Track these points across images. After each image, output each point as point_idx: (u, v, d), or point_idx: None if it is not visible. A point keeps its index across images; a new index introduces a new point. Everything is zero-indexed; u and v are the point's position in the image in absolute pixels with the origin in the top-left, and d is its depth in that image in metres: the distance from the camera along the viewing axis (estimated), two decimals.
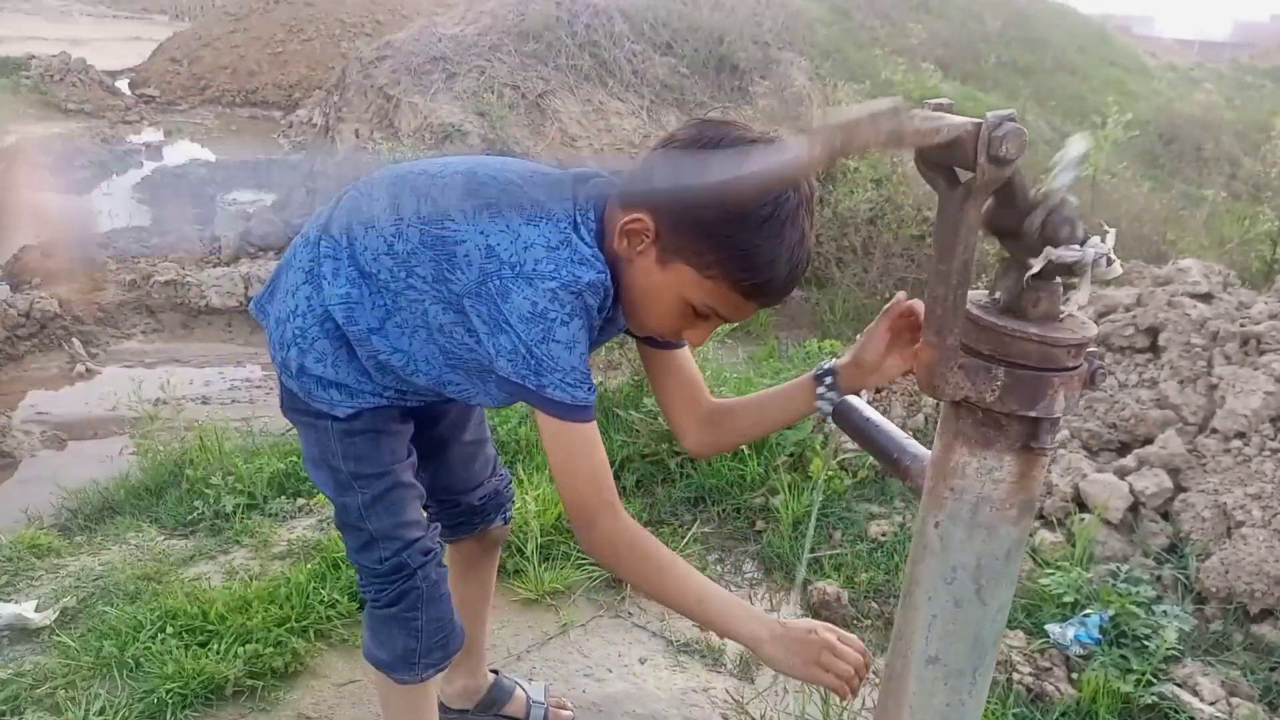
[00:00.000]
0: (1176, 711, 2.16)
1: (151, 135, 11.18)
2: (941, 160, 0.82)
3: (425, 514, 1.52)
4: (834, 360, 1.27)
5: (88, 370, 4.51)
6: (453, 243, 1.18)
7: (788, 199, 1.08)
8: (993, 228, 0.87)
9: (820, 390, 1.26)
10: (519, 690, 2.03)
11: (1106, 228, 0.85)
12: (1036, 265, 0.83)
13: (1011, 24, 12.34)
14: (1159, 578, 2.59)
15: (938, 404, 1.11)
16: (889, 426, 1.15)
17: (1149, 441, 2.93)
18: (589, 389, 1.15)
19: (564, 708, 2.06)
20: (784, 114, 7.19)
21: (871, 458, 2.71)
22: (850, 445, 3.24)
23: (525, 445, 3.16)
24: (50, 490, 3.21)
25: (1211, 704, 2.19)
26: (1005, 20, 12.27)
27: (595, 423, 1.18)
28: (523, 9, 7.70)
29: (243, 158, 9.76)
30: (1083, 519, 2.74)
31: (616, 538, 1.19)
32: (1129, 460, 2.87)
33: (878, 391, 3.55)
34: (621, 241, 1.15)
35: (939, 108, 0.81)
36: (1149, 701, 2.20)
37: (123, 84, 13.96)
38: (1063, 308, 0.86)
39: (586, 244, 1.15)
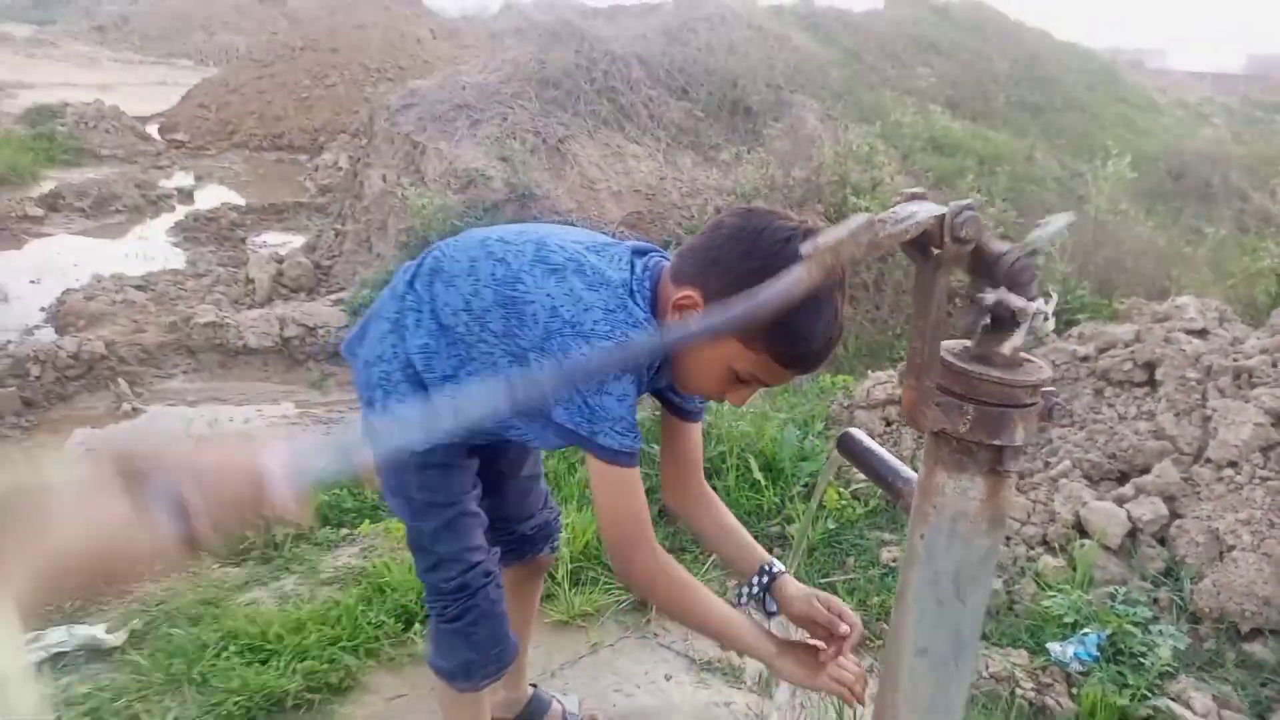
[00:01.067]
0: None
1: (182, 180, 11.52)
2: (916, 241, 1.00)
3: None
4: (780, 571, 1.51)
5: (133, 409, 4.74)
6: (522, 302, 1.36)
7: (834, 315, 1.27)
8: (972, 274, 1.05)
9: (753, 580, 1.51)
10: (555, 703, 2.20)
11: (1051, 293, 1.03)
12: (989, 299, 1.00)
13: (1021, 64, 12.57)
14: (1155, 599, 2.73)
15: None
16: (885, 455, 1.33)
17: (1146, 471, 3.08)
18: (635, 437, 1.33)
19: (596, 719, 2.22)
20: (795, 155, 7.41)
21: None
22: (862, 477, 3.41)
23: (554, 477, 3.34)
24: None
25: (1203, 717, 2.33)
26: (1014, 60, 12.52)
27: (638, 468, 1.36)
28: (543, 57, 7.99)
29: (271, 201, 10.08)
30: (1083, 545, 2.89)
31: (655, 570, 1.37)
32: (1127, 489, 3.03)
33: (889, 424, 3.72)
34: (675, 314, 1.32)
35: (913, 196, 1.00)
36: (1144, 714, 2.34)
37: (153, 129, 14.38)
38: (999, 349, 1.03)
39: (641, 309, 1.33)
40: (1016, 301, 1.00)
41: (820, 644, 1.41)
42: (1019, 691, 2.44)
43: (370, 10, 16.33)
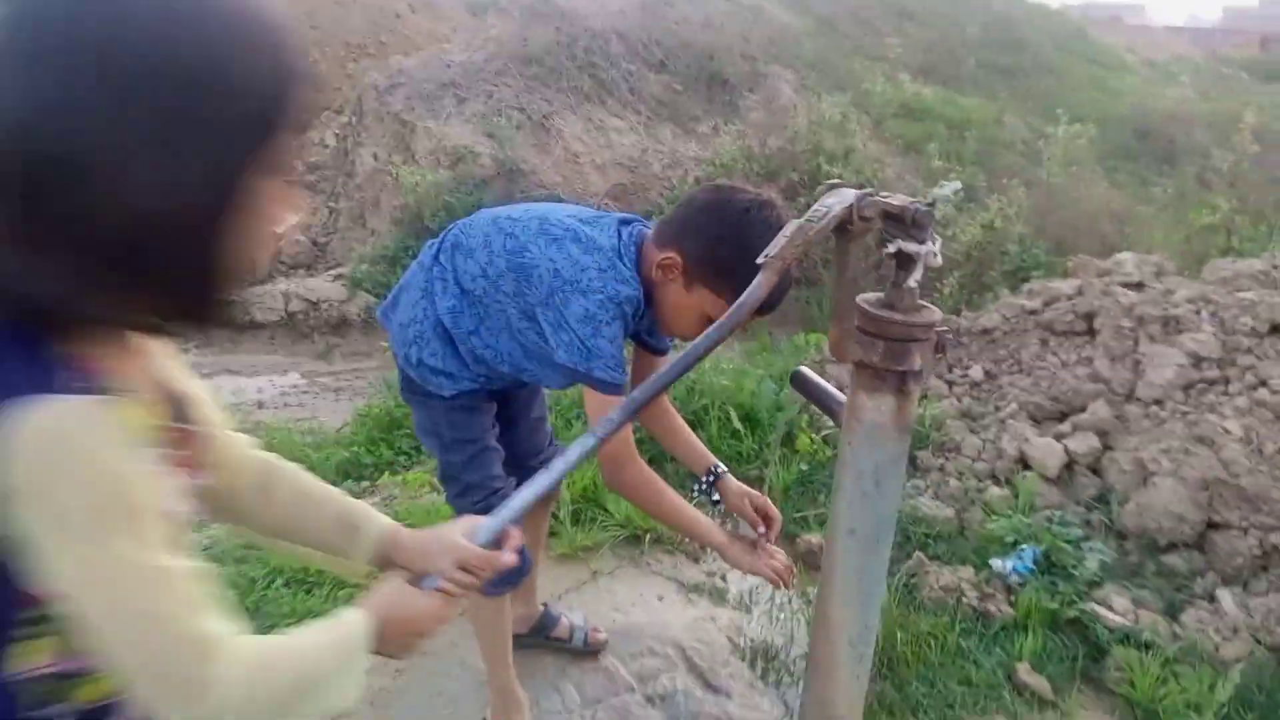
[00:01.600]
0: (1094, 622, 2.68)
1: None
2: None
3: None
4: (723, 471, 1.94)
5: None
6: (529, 267, 1.69)
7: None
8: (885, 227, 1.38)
9: (703, 478, 1.94)
10: (564, 618, 2.55)
11: (938, 237, 1.36)
12: (892, 247, 1.33)
13: (993, 27, 12.85)
14: (1088, 521, 3.11)
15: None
16: (826, 385, 1.66)
17: (1083, 410, 3.44)
18: (623, 373, 1.68)
19: (599, 631, 2.58)
20: (771, 125, 7.70)
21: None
22: (830, 424, 3.76)
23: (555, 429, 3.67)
24: None
25: (1122, 616, 2.70)
26: (986, 24, 12.79)
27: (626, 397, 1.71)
28: (525, 34, 8.22)
29: None
30: (1024, 476, 3.25)
31: (639, 480, 1.77)
32: (1065, 426, 3.39)
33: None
34: (658, 272, 1.67)
35: (833, 188, 1.32)
36: (1072, 616, 2.71)
37: None
38: (910, 283, 1.36)
39: (627, 269, 1.67)
40: (910, 247, 1.33)
41: (762, 540, 1.79)
42: (964, 600, 2.80)
43: None
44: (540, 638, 2.51)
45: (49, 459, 0.73)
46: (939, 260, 1.37)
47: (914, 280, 1.36)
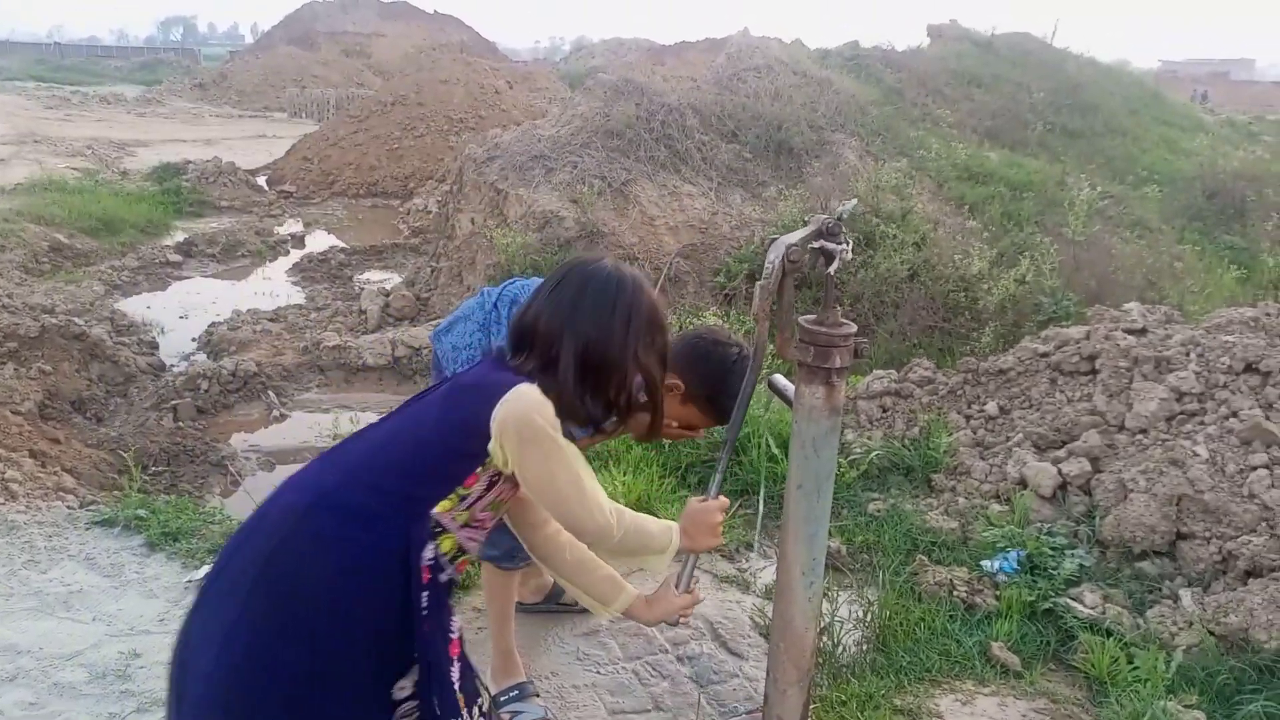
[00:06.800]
0: (1066, 613, 3.12)
1: (293, 226, 12.95)
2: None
3: None
4: None
5: (281, 415, 5.86)
6: None
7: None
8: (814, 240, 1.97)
9: None
10: None
11: (848, 240, 1.93)
12: (815, 245, 1.91)
13: (1061, 92, 13.23)
14: (1075, 533, 3.55)
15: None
16: (787, 384, 2.24)
17: (1079, 439, 3.89)
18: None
19: None
20: (834, 189, 8.30)
21: (873, 454, 3.85)
22: (858, 449, 4.28)
23: (614, 454, 4.29)
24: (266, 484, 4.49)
25: (1092, 609, 3.14)
26: (1055, 88, 13.17)
27: None
28: (608, 110, 9.06)
29: (371, 243, 11.37)
30: (1022, 494, 3.72)
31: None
32: (1061, 452, 3.84)
33: (884, 410, 4.58)
34: (665, 391, 2.31)
35: (772, 243, 1.93)
36: (1047, 608, 3.16)
37: (262, 181, 15.98)
38: (829, 271, 1.93)
39: None
40: (830, 245, 1.91)
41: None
42: (955, 594, 3.28)
43: (453, 66, 17.80)
44: (552, 604, 3.10)
45: (535, 399, 1.55)
46: (850, 256, 1.96)
47: (833, 269, 1.94)
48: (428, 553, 1.52)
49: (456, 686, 1.58)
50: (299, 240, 11.92)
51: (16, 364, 5.51)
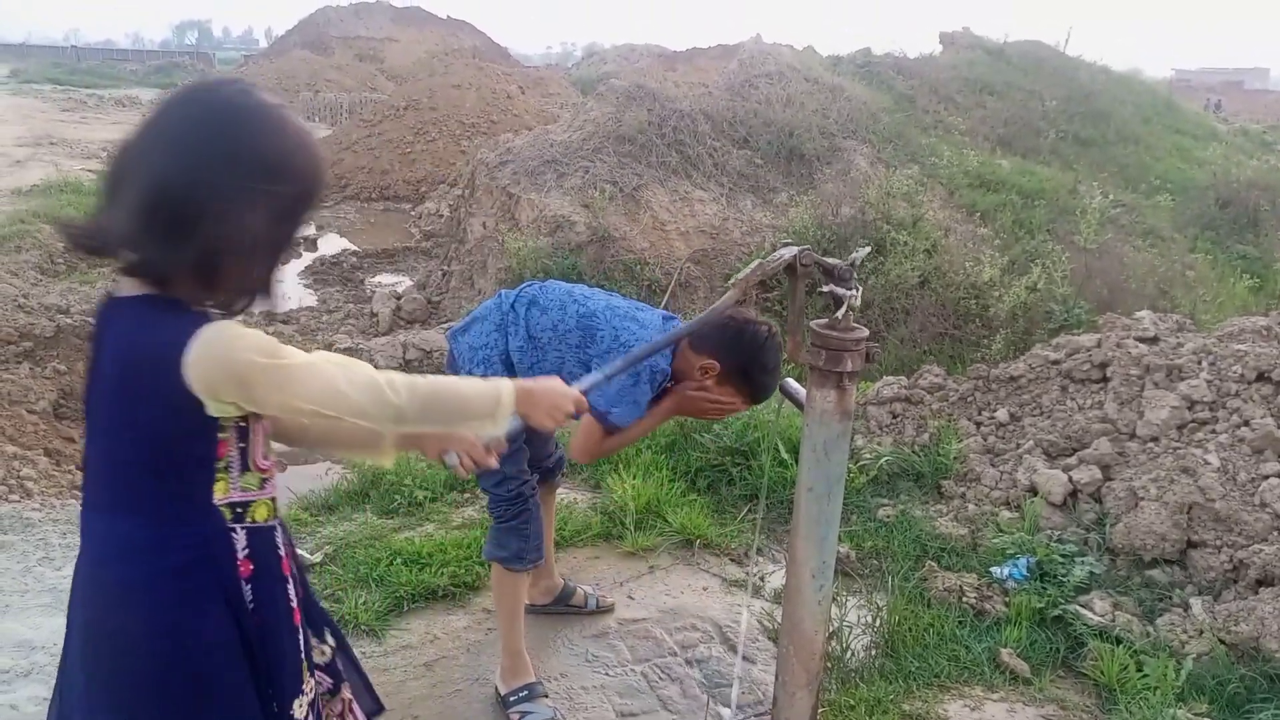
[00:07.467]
0: (1075, 620, 3.12)
1: (306, 229, 13.01)
2: (788, 268, 1.95)
3: None
4: None
5: None
6: (595, 329, 2.37)
7: (780, 365, 2.33)
8: (825, 278, 1.98)
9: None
10: (579, 589, 3.16)
11: (858, 286, 1.95)
12: (826, 289, 1.93)
13: (1074, 100, 13.21)
14: (1085, 540, 3.54)
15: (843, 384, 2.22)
16: (798, 387, 2.25)
17: (1090, 446, 3.88)
18: (628, 422, 2.38)
19: (607, 595, 3.19)
20: (845, 195, 8.30)
21: (883, 460, 3.86)
22: (868, 454, 4.28)
23: (624, 459, 4.30)
24: (284, 494, 4.50)
25: (1101, 616, 3.14)
26: (1067, 96, 13.15)
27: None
28: (620, 116, 9.09)
29: (383, 246, 11.42)
30: (1032, 501, 3.71)
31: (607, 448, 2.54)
32: (1072, 460, 3.84)
33: (894, 417, 4.58)
34: (699, 372, 2.37)
35: (784, 245, 1.94)
36: (1056, 615, 3.16)
37: None
38: (837, 317, 1.95)
39: (665, 359, 2.36)
40: (840, 291, 1.93)
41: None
42: (965, 600, 3.28)
43: (465, 71, 17.87)
44: (561, 606, 3.12)
45: (225, 339, 1.25)
46: (859, 302, 1.97)
47: (841, 314, 1.96)
48: (239, 542, 1.41)
49: (304, 663, 1.54)
50: (311, 243, 11.98)
51: (32, 363, 5.56)
